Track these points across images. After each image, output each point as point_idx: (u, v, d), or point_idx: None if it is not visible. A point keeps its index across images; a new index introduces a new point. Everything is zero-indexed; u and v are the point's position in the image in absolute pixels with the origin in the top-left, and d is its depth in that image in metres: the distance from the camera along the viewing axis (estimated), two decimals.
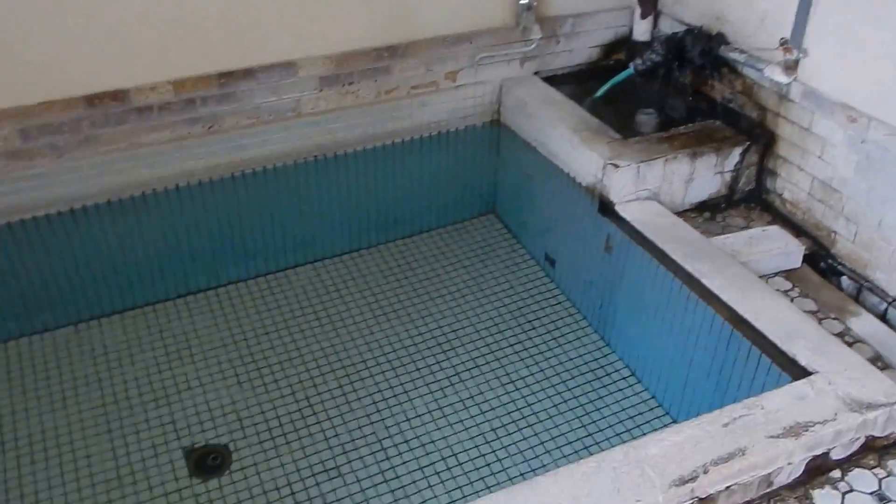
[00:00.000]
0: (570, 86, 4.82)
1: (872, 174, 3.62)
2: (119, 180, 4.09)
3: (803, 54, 3.84)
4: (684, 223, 3.90)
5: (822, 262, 3.92)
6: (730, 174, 4.23)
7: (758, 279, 3.52)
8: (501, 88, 4.80)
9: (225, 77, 4.09)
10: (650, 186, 4.06)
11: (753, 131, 4.24)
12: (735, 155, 4.18)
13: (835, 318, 3.58)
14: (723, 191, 4.28)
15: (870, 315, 3.59)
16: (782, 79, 3.91)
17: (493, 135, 4.96)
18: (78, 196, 4.04)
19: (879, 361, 3.29)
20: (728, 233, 4.04)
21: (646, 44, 4.76)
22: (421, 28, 4.43)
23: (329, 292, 4.66)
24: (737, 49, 4.22)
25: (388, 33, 4.38)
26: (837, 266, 3.86)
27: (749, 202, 4.33)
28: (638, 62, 4.53)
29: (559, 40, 4.83)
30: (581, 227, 4.33)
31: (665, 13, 4.77)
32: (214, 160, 4.25)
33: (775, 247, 3.89)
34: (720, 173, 4.20)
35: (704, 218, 4.21)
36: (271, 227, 4.62)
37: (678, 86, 4.60)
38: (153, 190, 4.19)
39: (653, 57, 4.46)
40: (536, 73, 4.89)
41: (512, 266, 4.87)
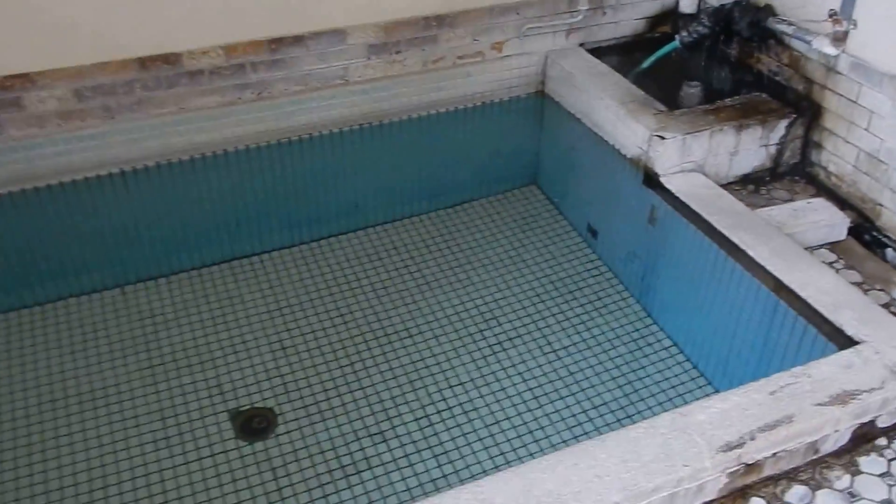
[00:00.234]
0: (615, 58, 4.83)
1: None
2: (168, 144, 4.14)
3: (853, 26, 3.82)
4: (729, 195, 3.90)
5: (867, 235, 3.91)
6: (775, 147, 4.22)
7: (803, 250, 3.52)
8: (547, 60, 4.80)
9: (275, 43, 4.12)
10: (695, 159, 4.06)
11: (799, 104, 4.22)
12: (780, 128, 4.17)
13: (880, 290, 3.58)
14: (767, 164, 4.28)
15: None
16: (830, 50, 3.89)
17: (537, 106, 4.97)
18: (128, 158, 4.09)
19: None
20: (772, 206, 4.03)
21: (692, 16, 4.75)
22: None
23: (371, 260, 4.70)
24: (784, 21, 4.20)
25: (437, 2, 4.38)
26: (882, 238, 3.85)
27: (793, 175, 4.32)
28: (684, 34, 4.51)
29: (605, 12, 4.82)
30: (624, 199, 4.34)
31: None
32: (262, 126, 4.29)
33: (820, 219, 3.89)
34: (765, 146, 4.20)
35: (748, 191, 4.20)
36: (315, 195, 4.65)
37: (723, 58, 4.59)
38: (201, 154, 4.24)
39: (699, 29, 4.44)
40: (581, 45, 4.88)
41: (553, 237, 4.89)
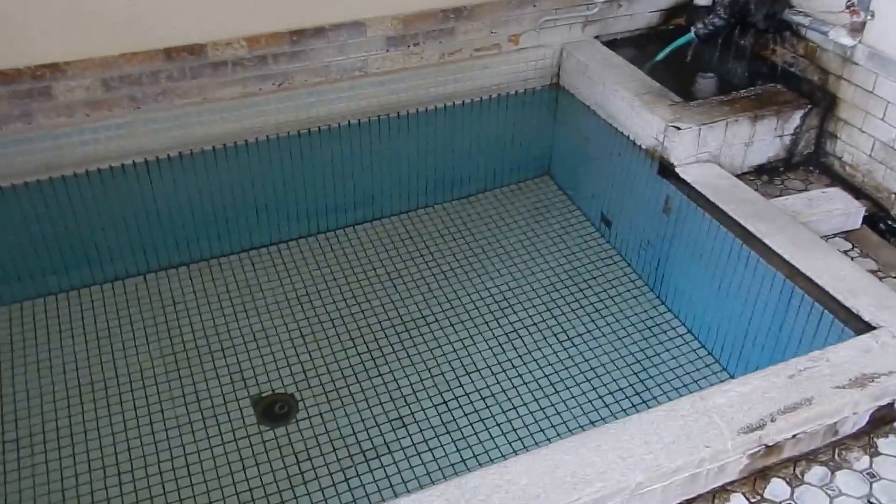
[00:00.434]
0: (630, 50, 4.88)
1: None
2: (191, 134, 4.19)
3: (870, 16, 3.87)
4: (744, 185, 3.96)
5: (882, 224, 3.96)
6: (789, 137, 4.28)
7: (819, 238, 3.58)
8: (562, 52, 4.86)
9: (296, 34, 4.18)
10: (710, 149, 4.11)
11: (814, 94, 4.28)
12: (796, 118, 4.23)
13: (895, 277, 3.64)
14: (781, 154, 4.33)
15: None
16: (847, 41, 3.95)
17: (552, 98, 5.03)
18: (151, 148, 4.15)
19: None
20: (787, 195, 4.09)
21: (707, 8, 4.79)
22: None
23: (387, 250, 4.75)
24: (801, 12, 4.25)
25: None
26: None
27: (807, 166, 4.38)
28: (699, 27, 4.56)
29: (621, 4, 4.88)
30: (639, 189, 4.40)
31: None
32: (283, 117, 4.35)
33: (835, 208, 3.94)
34: (780, 137, 4.25)
35: (763, 181, 4.26)
36: (333, 185, 4.71)
37: (738, 50, 4.64)
38: (223, 145, 4.29)
39: (715, 21, 4.49)
40: (597, 38, 4.94)
41: (567, 227, 4.95)
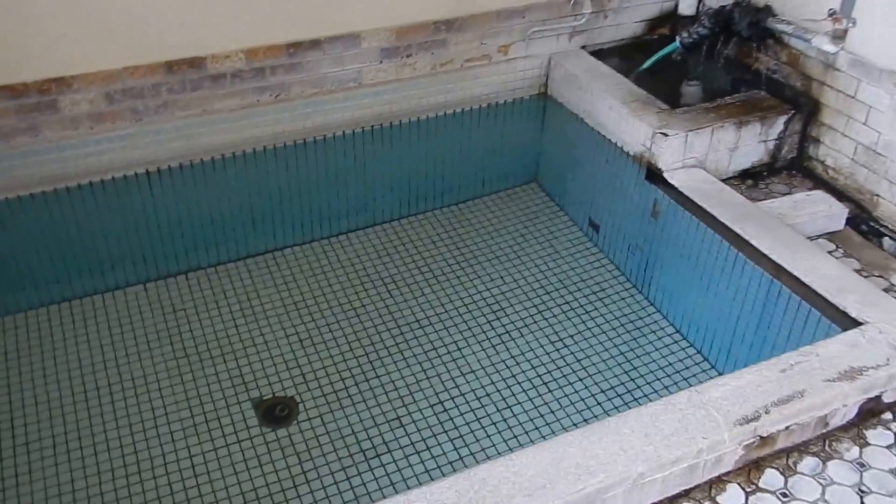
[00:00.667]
0: (616, 59, 5.00)
1: None
2: (192, 145, 4.28)
3: (852, 24, 4.01)
4: (730, 189, 4.09)
5: (864, 225, 4.11)
6: (773, 142, 4.41)
7: (805, 239, 3.71)
8: (550, 62, 4.98)
9: (293, 47, 4.26)
10: (697, 155, 4.23)
11: (798, 100, 4.42)
12: (779, 124, 4.36)
13: (879, 276, 3.78)
14: (765, 159, 4.47)
15: None
16: (830, 48, 4.08)
17: (539, 107, 5.15)
18: (153, 159, 4.23)
19: None
20: (771, 199, 4.22)
21: (691, 18, 4.93)
22: (478, 2, 4.60)
23: (381, 256, 4.85)
24: (784, 20, 4.39)
25: (448, 6, 4.55)
26: (879, 228, 4.05)
27: (790, 170, 4.52)
28: (684, 35, 4.68)
29: (607, 15, 5.00)
30: (627, 194, 4.52)
31: None
32: (280, 127, 4.44)
33: (819, 210, 4.08)
34: (764, 142, 4.39)
35: (747, 185, 4.39)
36: (328, 193, 4.80)
37: (721, 58, 4.77)
38: (222, 155, 4.38)
39: (699, 30, 4.61)
40: (583, 48, 5.06)
41: (555, 232, 5.06)
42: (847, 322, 3.25)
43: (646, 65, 4.86)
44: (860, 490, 2.80)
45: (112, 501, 3.49)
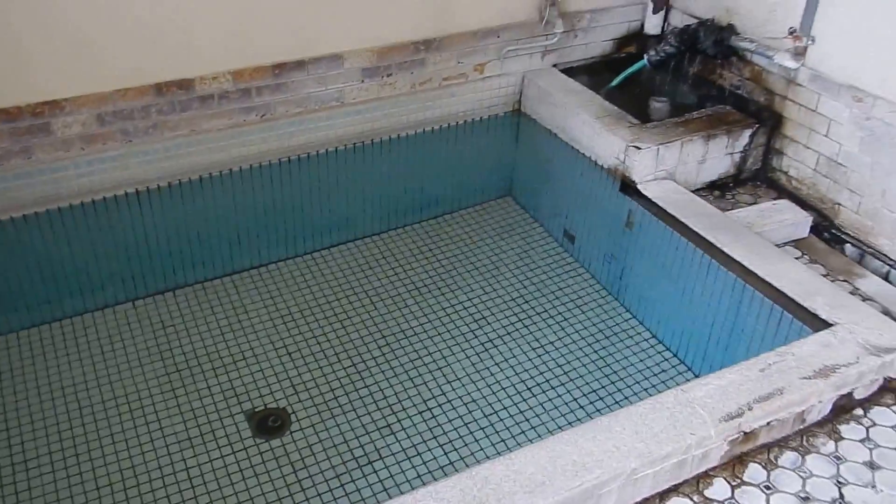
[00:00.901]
0: (586, 77, 5.17)
1: (877, 148, 4.01)
2: (180, 164, 4.36)
3: (811, 41, 4.22)
4: (701, 199, 4.27)
5: (826, 232, 4.30)
6: (739, 154, 4.60)
7: (773, 246, 3.89)
8: (524, 79, 5.14)
9: (278, 68, 4.38)
10: (667, 167, 4.41)
11: (761, 114, 4.61)
12: (745, 137, 4.55)
13: (843, 280, 3.98)
14: (731, 171, 4.65)
15: (875, 276, 3.99)
16: (791, 64, 4.29)
17: (514, 123, 5.31)
18: (143, 178, 4.31)
19: (888, 316, 3.63)
20: (738, 208, 4.40)
21: (657, 37, 5.13)
22: (456, 22, 4.75)
23: (363, 270, 4.96)
24: (747, 38, 4.60)
25: (427, 27, 4.69)
26: (841, 235, 4.25)
27: (755, 180, 4.71)
28: (652, 53, 4.88)
29: (577, 34, 5.17)
30: (601, 206, 4.68)
31: (676, 7, 5.15)
32: (266, 146, 4.54)
33: (785, 218, 4.27)
34: (730, 154, 4.57)
35: (715, 196, 4.57)
36: (311, 209, 4.91)
37: (687, 74, 4.96)
38: (209, 174, 4.47)
39: (666, 48, 4.81)
40: (555, 66, 5.22)
41: (532, 243, 5.22)
42: (818, 324, 3.43)
43: (615, 82, 5.04)
44: (838, 481, 2.96)
45: None
